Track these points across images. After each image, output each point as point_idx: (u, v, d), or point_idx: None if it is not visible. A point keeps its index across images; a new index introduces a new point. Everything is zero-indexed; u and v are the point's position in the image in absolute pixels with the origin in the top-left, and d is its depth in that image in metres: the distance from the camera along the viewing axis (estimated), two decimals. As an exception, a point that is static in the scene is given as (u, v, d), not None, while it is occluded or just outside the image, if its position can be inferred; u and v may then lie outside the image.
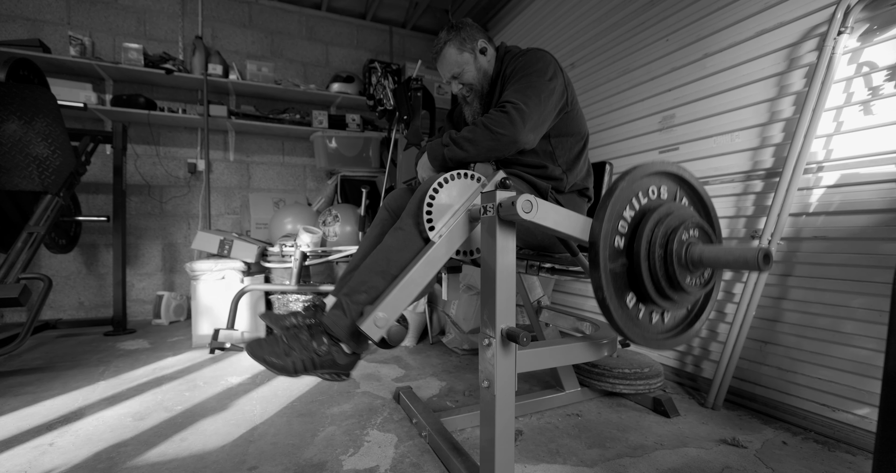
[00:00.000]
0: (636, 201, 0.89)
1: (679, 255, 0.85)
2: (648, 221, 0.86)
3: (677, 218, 0.87)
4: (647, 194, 0.91)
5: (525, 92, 1.17)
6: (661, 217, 0.87)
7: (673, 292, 0.87)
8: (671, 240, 0.85)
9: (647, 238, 0.85)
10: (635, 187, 0.88)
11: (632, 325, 0.87)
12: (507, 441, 0.92)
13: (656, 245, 0.85)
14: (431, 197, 1.08)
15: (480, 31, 1.36)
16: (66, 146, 2.09)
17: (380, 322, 0.96)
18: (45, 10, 2.82)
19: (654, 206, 0.89)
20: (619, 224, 0.86)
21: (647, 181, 0.90)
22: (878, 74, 1.27)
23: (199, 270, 2.31)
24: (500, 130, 1.13)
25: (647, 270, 0.85)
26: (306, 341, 1.03)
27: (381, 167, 3.25)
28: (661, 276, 0.85)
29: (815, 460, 1.19)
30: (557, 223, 0.91)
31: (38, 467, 1.12)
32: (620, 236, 0.86)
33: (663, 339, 0.93)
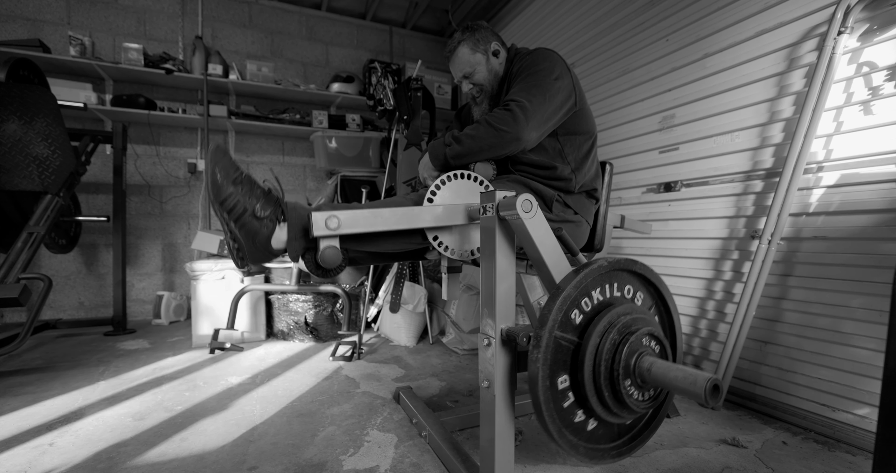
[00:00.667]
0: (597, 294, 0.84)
1: (627, 366, 0.80)
2: (601, 320, 0.81)
3: (632, 323, 0.82)
4: (612, 291, 0.86)
5: (529, 90, 1.17)
6: (615, 319, 0.82)
7: (616, 406, 0.81)
8: (621, 348, 0.80)
9: (597, 341, 0.80)
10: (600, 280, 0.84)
11: (561, 426, 0.80)
12: (507, 441, 0.93)
13: (604, 350, 0.79)
14: (430, 199, 1.08)
15: (494, 34, 1.37)
16: (66, 146, 2.09)
17: (331, 223, 0.91)
18: (45, 10, 2.82)
19: (613, 302, 0.85)
20: (574, 313, 0.81)
21: (613, 276, 0.86)
22: (878, 74, 1.27)
23: (199, 270, 2.31)
24: (503, 127, 1.13)
25: (591, 375, 0.80)
26: (258, 194, 0.96)
27: (381, 167, 3.25)
28: (605, 382, 0.80)
29: (815, 460, 1.19)
30: (542, 242, 0.89)
31: (37, 467, 1.12)
32: (568, 334, 0.81)
33: (596, 451, 0.86)
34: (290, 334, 2.43)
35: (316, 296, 2.42)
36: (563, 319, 0.81)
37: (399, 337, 2.40)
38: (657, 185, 1.93)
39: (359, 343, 2.13)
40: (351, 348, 2.13)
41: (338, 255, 0.94)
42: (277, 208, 0.97)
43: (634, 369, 0.80)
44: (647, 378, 0.79)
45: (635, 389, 0.82)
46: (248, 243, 0.95)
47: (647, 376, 0.78)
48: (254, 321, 2.41)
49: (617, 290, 0.89)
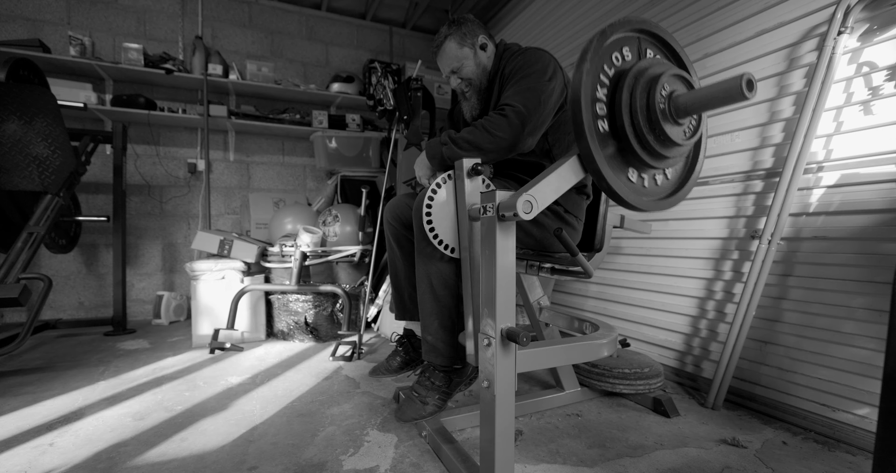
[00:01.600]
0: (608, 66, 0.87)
1: (662, 106, 0.83)
2: (627, 77, 0.84)
3: (654, 72, 0.85)
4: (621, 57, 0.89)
5: (525, 94, 1.17)
6: (638, 74, 0.85)
7: (662, 148, 0.85)
8: (652, 94, 0.83)
9: (628, 95, 0.83)
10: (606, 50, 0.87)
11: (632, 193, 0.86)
12: (507, 441, 0.93)
13: (637, 100, 0.83)
14: (430, 199, 1.08)
15: (481, 26, 1.36)
16: (66, 146, 2.09)
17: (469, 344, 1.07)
18: (45, 10, 2.82)
19: (629, 65, 0.87)
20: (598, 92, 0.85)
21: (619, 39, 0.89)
22: (878, 74, 1.27)
23: (199, 270, 2.31)
24: (500, 133, 1.14)
25: (630, 126, 0.84)
26: (429, 384, 1.23)
27: (381, 167, 3.25)
28: (646, 129, 0.83)
29: (815, 460, 1.19)
30: (558, 190, 0.90)
31: (37, 467, 1.12)
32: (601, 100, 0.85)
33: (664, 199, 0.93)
34: (290, 334, 2.43)
35: (316, 296, 2.42)
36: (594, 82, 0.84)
37: (399, 337, 2.40)
38: (657, 185, 1.93)
39: (359, 343, 2.13)
40: (351, 348, 2.13)
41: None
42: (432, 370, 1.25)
43: (669, 104, 0.83)
44: (681, 107, 0.82)
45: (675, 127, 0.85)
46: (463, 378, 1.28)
47: (681, 104, 0.82)
48: (254, 321, 2.41)
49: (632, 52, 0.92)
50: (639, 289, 2.01)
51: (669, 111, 0.84)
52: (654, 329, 1.93)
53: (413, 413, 1.20)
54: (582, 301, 2.39)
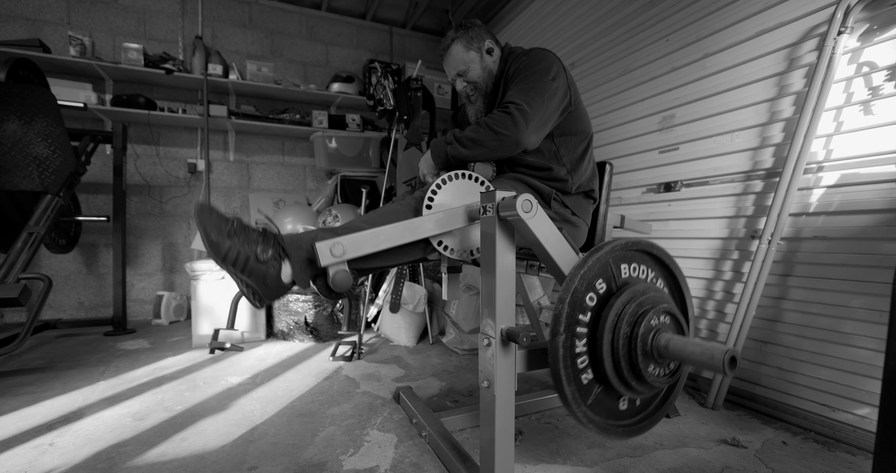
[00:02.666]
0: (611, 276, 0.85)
1: (645, 341, 0.81)
2: (620, 295, 0.83)
3: (649, 301, 0.83)
4: (624, 271, 0.87)
5: (528, 92, 1.17)
6: (634, 296, 0.83)
7: (634, 380, 0.82)
8: (639, 323, 0.81)
9: (616, 314, 0.81)
10: (613, 260, 0.85)
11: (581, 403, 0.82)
12: (507, 441, 0.92)
13: (623, 324, 0.81)
14: (430, 199, 1.08)
15: (488, 32, 1.37)
16: (66, 146, 2.09)
17: (336, 250, 0.93)
18: (45, 10, 2.82)
19: (628, 282, 0.86)
20: (588, 296, 0.82)
21: (627, 256, 0.87)
22: (878, 74, 1.27)
23: (199, 270, 2.31)
24: (503, 130, 1.14)
25: (608, 350, 0.81)
26: (254, 238, 0.95)
27: (381, 167, 3.25)
28: (623, 359, 0.81)
29: (815, 460, 1.19)
30: (547, 239, 0.89)
31: (37, 467, 1.12)
32: (587, 308, 0.83)
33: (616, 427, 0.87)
34: (290, 334, 2.43)
35: (316, 296, 2.42)
36: (578, 301, 0.82)
37: (399, 337, 2.40)
38: (657, 185, 1.93)
39: (359, 343, 2.13)
40: (351, 348, 2.13)
41: (348, 277, 0.96)
42: (277, 246, 0.98)
43: (652, 345, 0.81)
44: (664, 354, 0.80)
45: (653, 364, 0.83)
46: (260, 286, 0.97)
47: (664, 351, 0.80)
48: (254, 321, 2.41)
49: (630, 271, 0.90)
50: (639, 289, 2.00)
51: (652, 353, 0.82)
52: (654, 329, 1.92)
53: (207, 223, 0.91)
54: (582, 301, 2.39)
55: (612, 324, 0.82)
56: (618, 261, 0.87)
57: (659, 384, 0.84)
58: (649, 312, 0.82)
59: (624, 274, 0.88)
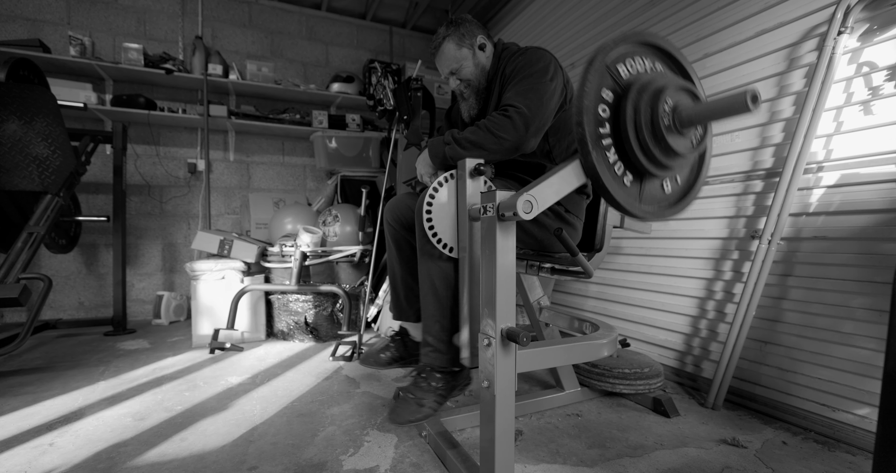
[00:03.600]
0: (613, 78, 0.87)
1: (665, 118, 0.84)
2: (630, 91, 0.84)
3: (659, 84, 0.85)
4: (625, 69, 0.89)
5: (527, 95, 1.17)
6: (643, 86, 0.85)
7: (667, 159, 0.85)
8: (656, 105, 0.83)
9: (633, 109, 0.84)
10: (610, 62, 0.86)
11: (636, 202, 0.87)
12: (507, 441, 0.92)
13: (641, 114, 0.83)
14: (431, 196, 1.08)
15: (479, 27, 1.35)
16: (66, 146, 2.09)
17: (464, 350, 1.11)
18: (45, 10, 2.82)
19: (633, 79, 0.88)
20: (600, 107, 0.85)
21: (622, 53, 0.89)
22: (878, 74, 1.27)
23: (199, 270, 2.31)
24: (503, 134, 1.14)
25: (637, 145, 0.84)
26: (426, 386, 1.18)
27: (381, 167, 3.25)
28: (652, 143, 0.84)
29: (815, 460, 1.19)
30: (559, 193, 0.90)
31: (37, 467, 1.12)
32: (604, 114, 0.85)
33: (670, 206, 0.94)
34: (290, 334, 2.43)
35: (316, 296, 2.42)
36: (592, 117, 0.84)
37: (399, 337, 2.39)
38: (657, 185, 1.93)
39: (359, 343, 2.13)
40: (351, 348, 2.13)
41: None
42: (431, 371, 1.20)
43: (673, 117, 0.84)
44: (685, 120, 0.83)
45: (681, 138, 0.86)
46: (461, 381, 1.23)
47: (685, 117, 0.83)
48: (254, 321, 2.41)
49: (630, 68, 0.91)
50: (639, 289, 2.01)
51: (674, 124, 0.84)
52: (654, 329, 1.93)
53: (408, 415, 1.17)
54: (582, 301, 2.39)
55: (633, 120, 0.84)
56: (614, 63, 0.88)
57: (691, 153, 0.88)
58: (662, 92, 0.84)
59: (625, 75, 0.89)
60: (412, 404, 1.17)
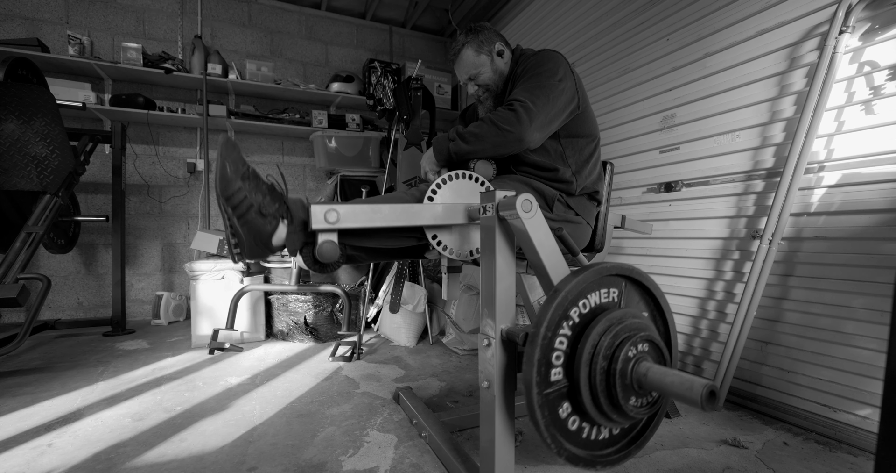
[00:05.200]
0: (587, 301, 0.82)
1: (624, 372, 0.79)
2: (598, 323, 0.80)
3: (628, 328, 0.81)
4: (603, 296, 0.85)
5: (533, 91, 1.17)
6: (612, 323, 0.81)
7: (612, 412, 0.80)
8: (617, 353, 0.79)
9: (593, 344, 0.79)
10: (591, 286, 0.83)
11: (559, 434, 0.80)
12: (508, 441, 0.92)
13: (600, 355, 0.79)
14: (430, 199, 1.07)
15: (498, 35, 1.37)
16: (65, 146, 2.08)
17: (330, 216, 0.91)
18: (44, 9, 2.82)
19: (606, 308, 0.84)
20: (566, 324, 0.80)
21: (606, 282, 0.85)
22: (879, 74, 1.27)
23: (199, 270, 2.31)
24: (507, 127, 1.14)
25: (586, 380, 0.79)
26: (264, 190, 0.96)
27: (380, 167, 3.24)
28: (601, 391, 0.79)
29: (816, 461, 1.19)
30: (541, 243, 0.88)
31: (36, 468, 1.12)
32: (564, 337, 0.80)
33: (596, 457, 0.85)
34: (289, 334, 2.43)
35: (315, 296, 2.41)
36: (559, 321, 0.80)
37: (399, 337, 2.39)
38: (658, 185, 1.93)
39: (358, 344, 2.13)
40: (351, 348, 2.13)
41: (335, 249, 0.94)
42: (282, 204, 0.97)
43: (631, 374, 0.79)
44: (643, 384, 0.78)
45: (633, 395, 0.81)
46: (248, 239, 0.94)
47: (643, 381, 0.78)
48: (253, 321, 2.40)
49: (614, 295, 0.88)
50: (639, 289, 2.00)
51: (632, 383, 0.79)
52: (654, 329, 1.92)
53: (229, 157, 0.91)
54: (582, 301, 2.39)
55: (589, 356, 0.79)
56: (603, 284, 0.85)
57: (639, 414, 0.82)
58: (627, 341, 0.80)
59: (608, 299, 0.86)
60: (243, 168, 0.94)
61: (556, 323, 0.79)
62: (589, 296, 0.84)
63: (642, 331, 0.82)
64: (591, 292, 0.84)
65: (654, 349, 0.83)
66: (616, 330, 0.81)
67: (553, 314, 0.78)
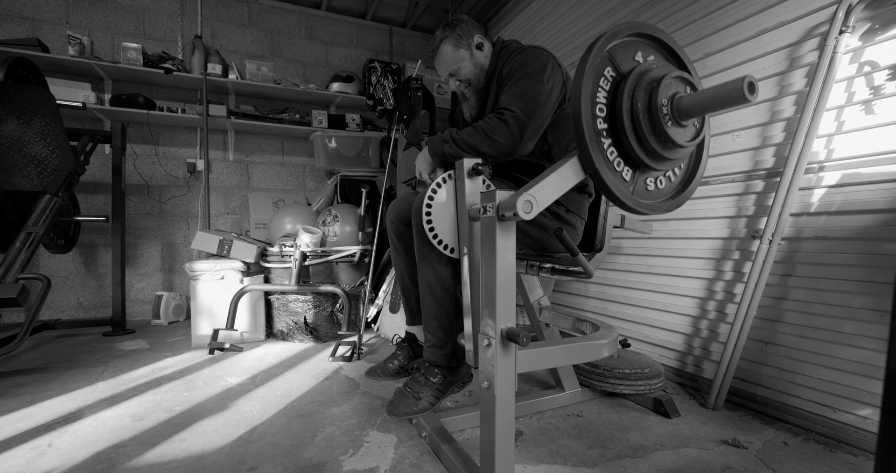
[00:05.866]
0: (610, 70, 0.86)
1: (664, 109, 0.83)
2: (627, 82, 0.84)
3: (656, 74, 0.85)
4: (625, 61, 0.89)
5: (523, 98, 1.16)
6: (639, 76, 0.85)
7: (665, 151, 0.85)
8: (654, 96, 0.83)
9: (629, 98, 0.83)
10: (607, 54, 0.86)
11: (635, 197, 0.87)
12: (507, 441, 0.92)
13: (638, 103, 0.83)
14: (430, 197, 1.08)
15: (476, 27, 1.35)
16: (65, 146, 2.08)
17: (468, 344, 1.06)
18: (44, 9, 2.82)
19: (629, 69, 0.87)
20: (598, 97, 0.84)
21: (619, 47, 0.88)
22: (879, 74, 1.27)
23: (199, 270, 2.31)
24: (499, 138, 1.14)
25: (632, 131, 0.84)
26: (423, 380, 1.19)
27: (380, 167, 3.25)
28: (650, 135, 0.83)
29: (816, 461, 1.19)
30: (558, 190, 0.89)
31: (36, 468, 1.12)
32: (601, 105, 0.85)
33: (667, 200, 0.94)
34: (289, 334, 2.43)
35: (315, 296, 2.41)
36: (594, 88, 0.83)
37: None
38: (657, 185, 1.93)
39: (358, 344, 2.13)
40: (351, 348, 2.13)
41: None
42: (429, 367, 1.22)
43: (672, 106, 0.83)
44: (683, 109, 0.82)
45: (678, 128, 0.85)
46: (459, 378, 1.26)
47: (683, 106, 0.82)
48: (253, 321, 2.40)
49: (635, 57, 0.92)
50: (639, 289, 2.00)
51: (672, 113, 0.83)
52: (654, 330, 1.92)
53: (405, 408, 1.17)
54: (582, 301, 2.39)
55: (630, 111, 0.83)
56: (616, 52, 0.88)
57: (690, 144, 0.87)
58: (660, 82, 0.83)
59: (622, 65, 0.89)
60: (409, 397, 1.18)
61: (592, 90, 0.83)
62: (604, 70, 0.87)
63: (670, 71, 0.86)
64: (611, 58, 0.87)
65: (685, 83, 0.87)
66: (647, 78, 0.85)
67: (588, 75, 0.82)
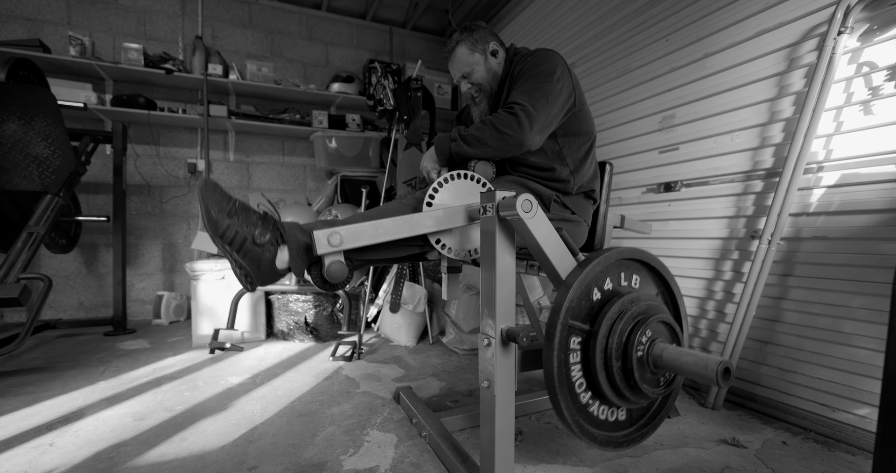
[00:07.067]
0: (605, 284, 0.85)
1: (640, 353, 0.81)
2: (613, 306, 0.82)
3: (643, 311, 0.83)
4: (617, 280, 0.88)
5: (532, 94, 1.17)
6: (627, 306, 0.83)
7: (629, 392, 0.82)
8: (633, 334, 0.81)
9: (609, 325, 0.81)
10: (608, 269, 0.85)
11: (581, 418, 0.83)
12: (507, 441, 0.93)
13: (616, 336, 0.81)
14: (431, 197, 1.08)
15: (493, 34, 1.38)
16: (66, 146, 2.09)
17: (333, 239, 0.94)
18: (45, 10, 2.82)
19: (621, 292, 0.86)
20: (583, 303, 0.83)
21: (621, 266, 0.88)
22: (878, 74, 1.27)
23: (200, 270, 2.31)
24: (508, 131, 1.14)
25: (602, 362, 0.81)
26: (254, 220, 0.97)
27: (381, 167, 3.25)
28: (618, 372, 0.81)
29: (815, 460, 1.19)
30: (545, 241, 0.89)
31: (37, 467, 1.12)
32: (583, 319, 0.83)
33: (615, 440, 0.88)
34: (290, 334, 2.43)
35: (316, 296, 2.42)
36: (574, 309, 0.82)
37: (399, 337, 2.40)
38: (657, 185, 1.93)
39: (359, 343, 2.13)
40: (351, 348, 2.13)
41: (343, 268, 0.97)
42: (276, 231, 0.99)
43: (647, 355, 0.81)
44: (659, 364, 0.80)
45: (649, 374, 0.82)
46: (253, 269, 0.97)
47: (659, 361, 0.80)
48: (254, 321, 2.41)
49: (624, 279, 0.90)
50: (639, 289, 2.00)
51: (647, 361, 0.82)
52: (654, 329, 1.92)
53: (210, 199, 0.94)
54: (582, 301, 2.39)
55: (606, 335, 0.82)
56: (613, 270, 0.87)
57: (655, 394, 0.84)
58: (643, 322, 0.81)
59: (619, 283, 0.88)
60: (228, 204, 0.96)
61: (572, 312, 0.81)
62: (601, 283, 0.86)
63: (656, 313, 0.84)
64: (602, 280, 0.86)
65: (668, 330, 0.85)
66: (630, 313, 0.83)
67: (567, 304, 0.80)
